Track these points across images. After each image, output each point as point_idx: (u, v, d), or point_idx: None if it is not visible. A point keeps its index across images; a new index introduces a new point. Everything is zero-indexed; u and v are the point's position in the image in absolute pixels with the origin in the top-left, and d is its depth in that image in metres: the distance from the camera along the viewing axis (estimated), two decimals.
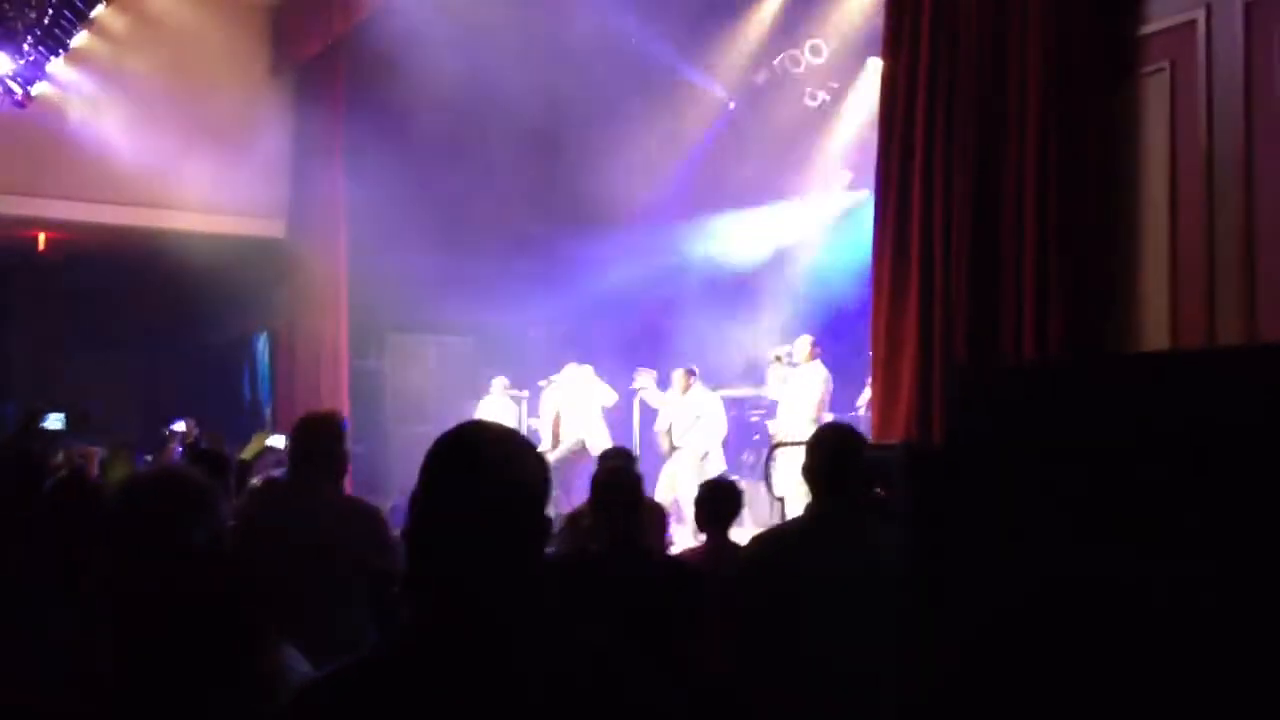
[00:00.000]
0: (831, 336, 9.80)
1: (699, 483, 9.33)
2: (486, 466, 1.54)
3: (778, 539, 3.54)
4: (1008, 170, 6.26)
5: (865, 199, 8.87)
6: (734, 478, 6.44)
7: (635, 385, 10.27)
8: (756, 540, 3.74)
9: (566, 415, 10.36)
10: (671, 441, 9.76)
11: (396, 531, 3.76)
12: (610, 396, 10.39)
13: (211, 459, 4.70)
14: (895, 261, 6.86)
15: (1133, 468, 1.38)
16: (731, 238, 11.92)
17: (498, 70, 9.95)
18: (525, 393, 11.18)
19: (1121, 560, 1.28)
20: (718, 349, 11.42)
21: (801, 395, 9.02)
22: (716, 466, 9.57)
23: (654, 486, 9.03)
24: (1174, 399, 1.39)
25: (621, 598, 3.12)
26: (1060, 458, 1.47)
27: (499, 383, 11.33)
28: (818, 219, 11.57)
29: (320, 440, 3.76)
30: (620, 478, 3.42)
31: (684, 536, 7.38)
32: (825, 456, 3.29)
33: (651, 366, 10.40)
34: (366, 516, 3.70)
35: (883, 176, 7.05)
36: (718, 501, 4.33)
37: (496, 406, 11.07)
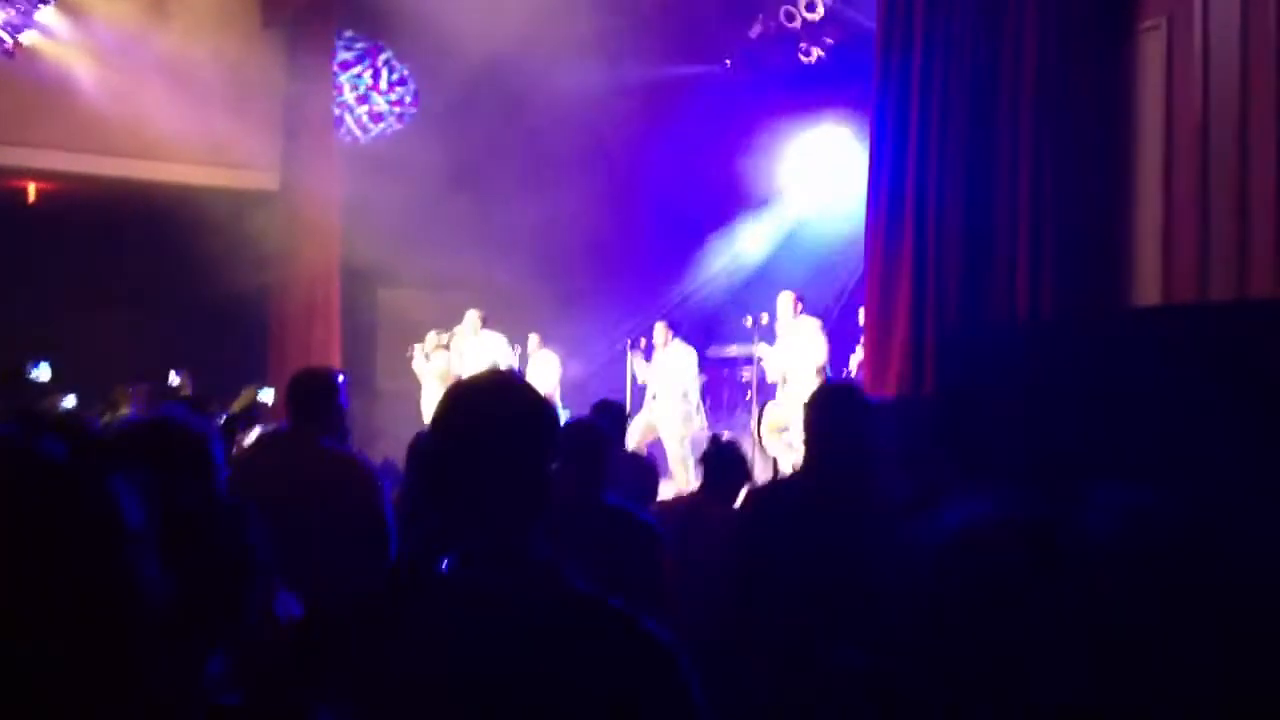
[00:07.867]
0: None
1: (682, 423, 9.35)
2: (509, 399, 1.67)
3: (774, 499, 3.51)
4: (1002, 127, 6.24)
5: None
6: (727, 433, 6.38)
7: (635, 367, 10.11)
8: (752, 498, 3.71)
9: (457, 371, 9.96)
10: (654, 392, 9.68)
11: (387, 485, 3.79)
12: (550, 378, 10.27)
13: (194, 404, 4.69)
14: (890, 223, 6.85)
15: (1112, 420, 1.40)
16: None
17: (494, 15, 9.79)
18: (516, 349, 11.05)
19: (1099, 501, 1.30)
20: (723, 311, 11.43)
21: (799, 352, 8.66)
22: (694, 412, 9.60)
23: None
24: (1158, 353, 1.41)
25: (584, 547, 3.10)
26: (1046, 410, 1.49)
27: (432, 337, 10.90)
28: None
29: (314, 396, 3.79)
30: (587, 430, 3.38)
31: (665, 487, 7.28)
32: (826, 416, 3.25)
33: (647, 328, 10.23)
34: (359, 471, 3.70)
35: (878, 134, 7.04)
36: (726, 467, 4.26)
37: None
